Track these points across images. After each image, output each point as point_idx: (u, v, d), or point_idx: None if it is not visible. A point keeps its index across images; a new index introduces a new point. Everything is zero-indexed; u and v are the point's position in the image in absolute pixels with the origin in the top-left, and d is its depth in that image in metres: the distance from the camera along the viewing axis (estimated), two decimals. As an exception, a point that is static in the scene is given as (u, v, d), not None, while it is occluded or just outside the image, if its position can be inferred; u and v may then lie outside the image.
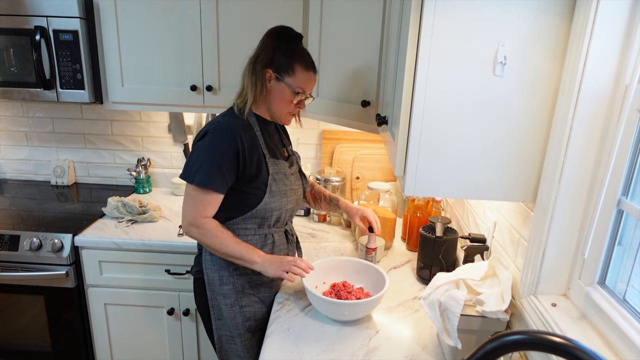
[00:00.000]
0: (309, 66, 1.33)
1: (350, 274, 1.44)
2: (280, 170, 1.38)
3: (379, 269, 1.38)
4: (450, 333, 1.05)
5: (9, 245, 1.81)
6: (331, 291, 1.36)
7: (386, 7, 1.41)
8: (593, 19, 0.87)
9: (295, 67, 1.30)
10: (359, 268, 1.44)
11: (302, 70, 1.31)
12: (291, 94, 1.32)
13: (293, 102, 1.34)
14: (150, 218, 1.97)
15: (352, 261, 1.46)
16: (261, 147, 1.33)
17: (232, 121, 1.31)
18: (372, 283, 1.38)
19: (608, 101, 0.92)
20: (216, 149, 1.25)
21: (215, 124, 1.30)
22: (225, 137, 1.26)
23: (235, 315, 1.38)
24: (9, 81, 1.89)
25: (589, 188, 0.97)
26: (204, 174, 1.25)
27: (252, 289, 1.39)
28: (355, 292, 1.34)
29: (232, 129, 1.27)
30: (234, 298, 1.37)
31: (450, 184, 1.05)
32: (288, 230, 1.48)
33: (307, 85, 1.34)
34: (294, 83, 1.31)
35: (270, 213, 1.36)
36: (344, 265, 1.45)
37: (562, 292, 1.06)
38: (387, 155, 2.21)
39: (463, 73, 0.97)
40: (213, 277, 1.37)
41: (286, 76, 1.30)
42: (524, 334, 0.59)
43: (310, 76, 1.34)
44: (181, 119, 2.30)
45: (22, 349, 1.98)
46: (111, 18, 1.80)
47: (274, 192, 1.35)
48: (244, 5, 1.77)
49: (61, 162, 2.41)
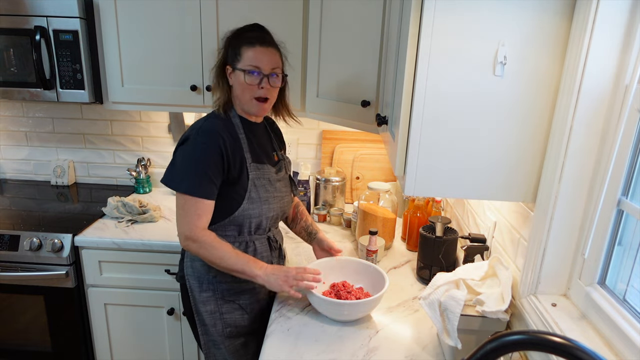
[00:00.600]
0: (254, 40, 1.26)
1: (350, 274, 1.44)
2: (263, 176, 1.34)
3: (378, 269, 1.38)
4: (450, 333, 1.05)
5: (9, 245, 1.81)
6: (331, 291, 1.35)
7: (386, 7, 1.41)
8: (593, 19, 0.87)
9: (242, 49, 1.26)
10: (359, 268, 1.44)
11: (247, 48, 1.25)
12: (245, 76, 1.25)
13: (250, 83, 1.26)
14: (150, 218, 1.97)
15: (352, 261, 1.46)
16: (243, 150, 1.30)
17: (214, 123, 1.28)
18: (372, 283, 1.38)
19: (608, 101, 0.92)
20: (200, 153, 1.23)
21: (197, 128, 1.27)
22: (208, 141, 1.24)
23: (216, 322, 1.36)
24: (9, 81, 1.89)
25: (589, 188, 0.97)
26: (191, 182, 1.22)
27: (233, 296, 1.36)
28: (354, 292, 1.34)
29: (214, 132, 1.25)
30: (214, 305, 1.35)
31: (450, 184, 1.05)
32: (271, 237, 1.43)
33: (257, 60, 1.25)
34: (244, 64, 1.25)
35: (249, 220, 1.32)
36: (344, 265, 1.45)
37: (562, 292, 1.06)
38: (387, 155, 2.21)
39: (463, 73, 0.97)
40: (193, 283, 1.35)
41: (237, 62, 1.27)
42: (524, 334, 0.59)
43: (257, 50, 1.25)
44: (181, 119, 2.30)
45: (22, 349, 1.98)
46: (111, 18, 1.80)
47: (254, 199, 1.31)
48: (244, 4, 1.77)
49: (61, 162, 2.41)
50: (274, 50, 1.29)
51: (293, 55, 1.83)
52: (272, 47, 1.29)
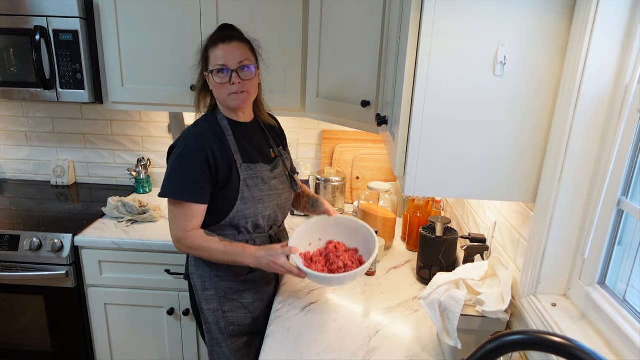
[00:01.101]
0: (217, 40, 1.27)
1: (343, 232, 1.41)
2: (256, 175, 1.34)
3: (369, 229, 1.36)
4: (450, 333, 1.05)
5: (9, 245, 1.81)
6: (323, 251, 1.36)
7: (386, 7, 1.41)
8: (593, 19, 0.87)
9: (209, 52, 1.28)
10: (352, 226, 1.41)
11: (212, 50, 1.27)
12: (214, 76, 1.27)
13: (220, 82, 1.27)
14: (150, 218, 1.97)
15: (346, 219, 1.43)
16: (232, 152, 1.31)
17: (203, 128, 1.30)
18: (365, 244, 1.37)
19: (608, 101, 0.92)
20: (186, 158, 1.26)
21: (185, 133, 1.31)
22: (195, 147, 1.26)
23: (219, 320, 1.38)
24: (9, 81, 1.89)
25: (589, 188, 0.97)
26: (177, 187, 1.26)
27: (235, 295, 1.38)
28: (343, 255, 1.33)
29: (201, 137, 1.27)
30: (217, 303, 1.37)
31: (450, 184, 1.05)
32: (273, 235, 1.43)
33: (223, 58, 1.25)
34: (212, 64, 1.27)
35: (244, 220, 1.33)
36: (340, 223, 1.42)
37: (562, 292, 1.06)
38: (387, 155, 2.21)
39: (463, 73, 0.97)
40: (197, 282, 1.37)
41: (209, 65, 1.29)
42: (524, 334, 0.59)
43: (220, 48, 1.26)
44: (181, 119, 2.30)
45: (22, 349, 1.98)
46: (111, 18, 1.80)
47: (247, 199, 1.31)
48: (244, 4, 1.77)
49: (61, 162, 2.41)
50: (239, 44, 1.28)
51: (293, 55, 1.83)
52: (236, 40, 1.28)
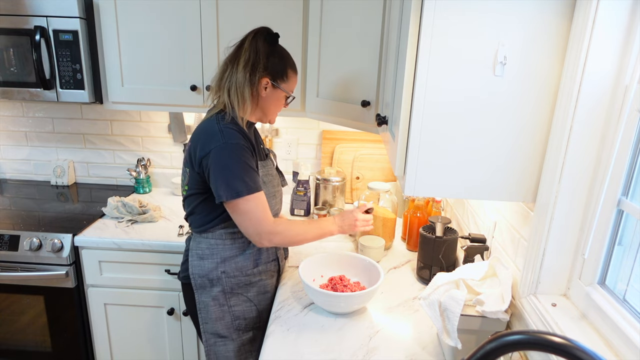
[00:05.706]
0: (296, 68, 1.38)
1: (347, 269, 1.48)
2: (269, 172, 1.40)
3: (374, 263, 1.42)
4: (450, 333, 1.05)
5: (9, 245, 1.81)
6: (328, 284, 1.39)
7: (386, 7, 1.41)
8: (593, 19, 0.87)
9: (289, 73, 1.34)
10: (356, 263, 1.48)
11: (293, 75, 1.36)
12: (284, 98, 1.38)
13: (282, 104, 1.39)
14: (150, 218, 1.97)
15: (350, 256, 1.49)
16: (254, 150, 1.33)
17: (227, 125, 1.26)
18: (368, 277, 1.42)
19: (608, 101, 0.92)
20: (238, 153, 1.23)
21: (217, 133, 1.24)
22: (238, 142, 1.24)
23: (225, 314, 1.38)
24: (9, 81, 1.89)
25: (589, 188, 0.97)
26: (247, 182, 1.23)
27: (241, 289, 1.39)
28: (351, 285, 1.38)
29: (236, 133, 1.26)
30: (222, 299, 1.38)
31: (450, 184, 1.05)
32: None
33: (295, 86, 1.40)
34: (288, 88, 1.35)
35: None
36: (342, 260, 1.49)
37: (562, 292, 1.06)
38: (387, 155, 2.21)
39: (463, 73, 0.97)
40: (201, 280, 1.37)
41: (281, 82, 1.33)
42: (524, 334, 0.59)
43: (296, 78, 1.39)
44: (181, 119, 2.30)
45: (22, 349, 1.98)
46: (111, 18, 1.80)
47: (265, 195, 1.33)
48: (244, 4, 1.77)
49: (61, 162, 2.41)
50: None
51: (293, 55, 1.82)
52: None
